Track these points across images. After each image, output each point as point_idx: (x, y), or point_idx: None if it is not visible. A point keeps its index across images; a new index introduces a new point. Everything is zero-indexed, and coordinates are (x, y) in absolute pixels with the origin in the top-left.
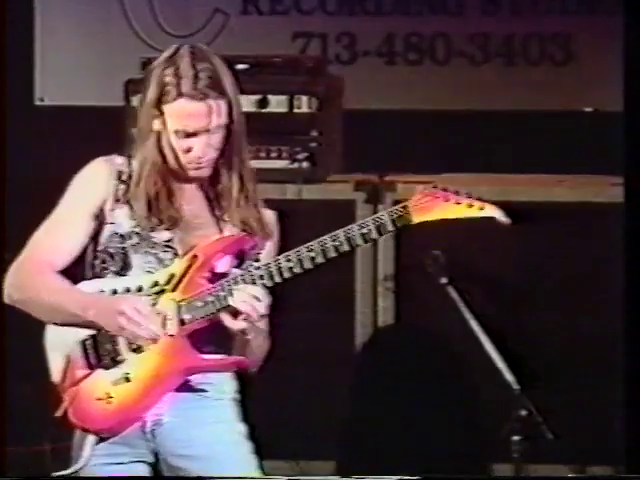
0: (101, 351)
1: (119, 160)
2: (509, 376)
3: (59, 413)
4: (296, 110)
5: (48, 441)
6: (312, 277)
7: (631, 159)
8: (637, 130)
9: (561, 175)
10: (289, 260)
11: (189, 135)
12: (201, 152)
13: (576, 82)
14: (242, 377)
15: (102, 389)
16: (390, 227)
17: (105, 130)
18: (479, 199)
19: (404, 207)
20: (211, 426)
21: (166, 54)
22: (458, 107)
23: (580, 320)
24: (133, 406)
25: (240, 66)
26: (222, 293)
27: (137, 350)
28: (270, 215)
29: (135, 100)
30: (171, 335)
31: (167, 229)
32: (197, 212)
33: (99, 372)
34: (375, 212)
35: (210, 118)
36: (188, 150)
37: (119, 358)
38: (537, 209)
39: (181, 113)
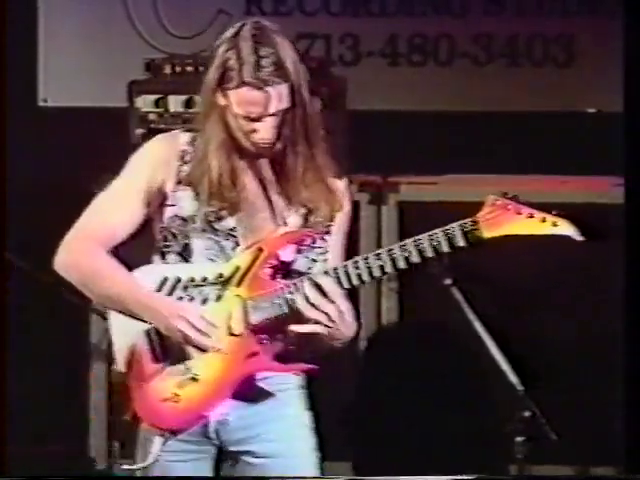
0: (167, 344)
1: (183, 138)
2: (513, 377)
3: (129, 416)
4: None
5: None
6: None
7: (631, 160)
8: (637, 131)
9: (563, 176)
10: (357, 268)
11: (253, 119)
12: (266, 134)
13: (578, 83)
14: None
15: (169, 388)
16: (461, 242)
17: (108, 131)
18: (553, 213)
19: (474, 222)
20: (275, 422)
21: (229, 33)
22: (461, 108)
23: (581, 321)
24: (200, 406)
25: None
26: (290, 296)
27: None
28: (340, 185)
29: (139, 101)
30: (237, 335)
31: (229, 214)
32: (260, 193)
33: (166, 370)
34: (379, 213)
35: (271, 104)
36: (253, 131)
37: (186, 354)
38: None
39: (243, 100)
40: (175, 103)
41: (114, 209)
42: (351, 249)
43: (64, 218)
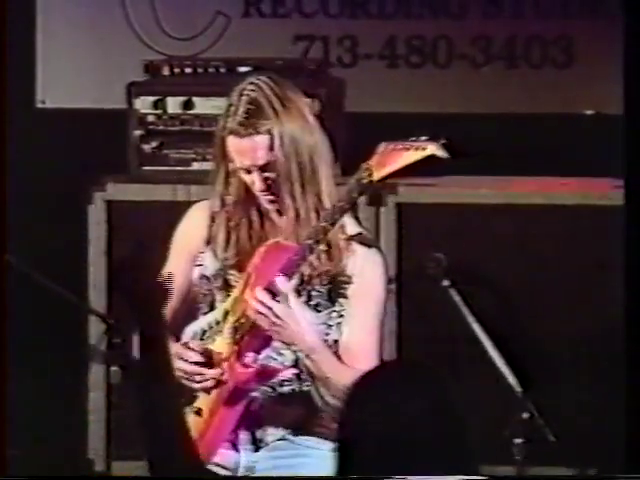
0: None
1: (216, 202)
2: (511, 379)
3: None
4: None
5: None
6: None
7: (631, 162)
8: (637, 133)
9: (562, 178)
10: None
11: (248, 171)
12: (261, 187)
13: (577, 85)
14: None
15: None
16: (355, 192)
17: (107, 133)
18: (422, 139)
19: (366, 169)
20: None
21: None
22: (460, 110)
23: (581, 323)
24: (206, 438)
25: (242, 69)
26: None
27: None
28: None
29: (138, 103)
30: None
31: (238, 270)
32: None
33: None
34: (377, 215)
35: (257, 154)
36: (252, 183)
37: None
38: (538, 212)
39: (232, 149)
40: (174, 105)
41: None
42: None
43: (64, 219)
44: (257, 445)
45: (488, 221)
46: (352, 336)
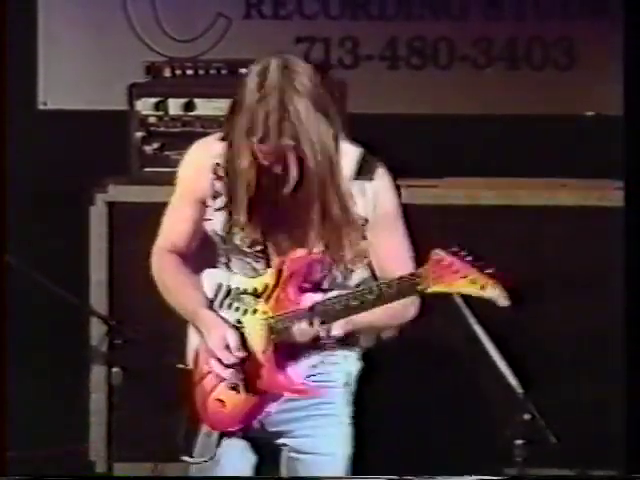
0: None
1: (216, 149)
2: (513, 380)
3: (186, 414)
4: None
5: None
6: None
7: (631, 163)
8: (638, 134)
9: (563, 179)
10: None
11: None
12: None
13: (578, 86)
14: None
15: (216, 393)
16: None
17: (108, 134)
18: (487, 274)
19: (418, 276)
20: (314, 419)
21: (257, 69)
22: (461, 111)
23: (582, 324)
24: (244, 411)
25: (243, 70)
26: (304, 324)
27: (244, 360)
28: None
29: (139, 104)
30: (263, 352)
31: (260, 243)
32: (288, 216)
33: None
34: None
35: (284, 163)
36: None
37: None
38: (539, 213)
39: (261, 153)
40: (175, 106)
41: (175, 222)
42: None
43: (65, 220)
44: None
45: (489, 222)
46: (382, 258)
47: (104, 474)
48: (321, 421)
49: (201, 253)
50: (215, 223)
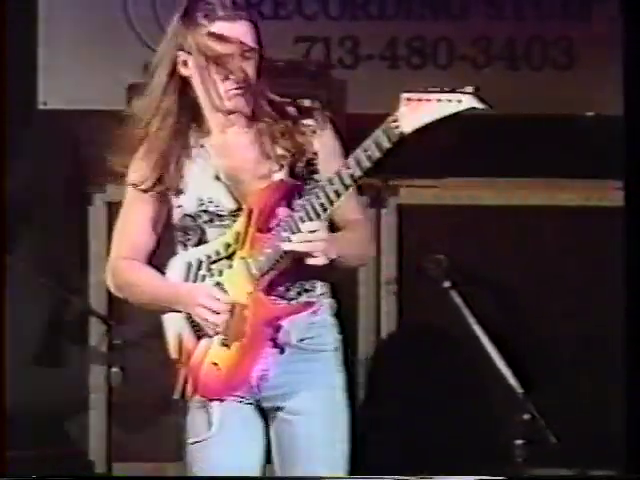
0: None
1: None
2: (512, 380)
3: (177, 395)
4: None
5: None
6: None
7: (631, 163)
8: (637, 134)
9: (563, 179)
10: (332, 183)
11: (225, 64)
12: (239, 74)
13: (578, 86)
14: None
15: (209, 359)
16: (385, 142)
17: (108, 134)
18: (457, 90)
19: (394, 120)
20: (308, 382)
21: None
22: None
23: (581, 323)
24: (239, 368)
25: None
26: (277, 243)
27: (230, 313)
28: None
29: None
30: (249, 293)
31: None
32: (248, 160)
33: (204, 343)
34: (378, 216)
35: (247, 38)
36: (225, 78)
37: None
38: (539, 213)
39: (217, 37)
40: None
41: (130, 224)
42: None
43: (64, 220)
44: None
45: (488, 222)
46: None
47: (104, 474)
48: (314, 382)
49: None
50: (184, 207)
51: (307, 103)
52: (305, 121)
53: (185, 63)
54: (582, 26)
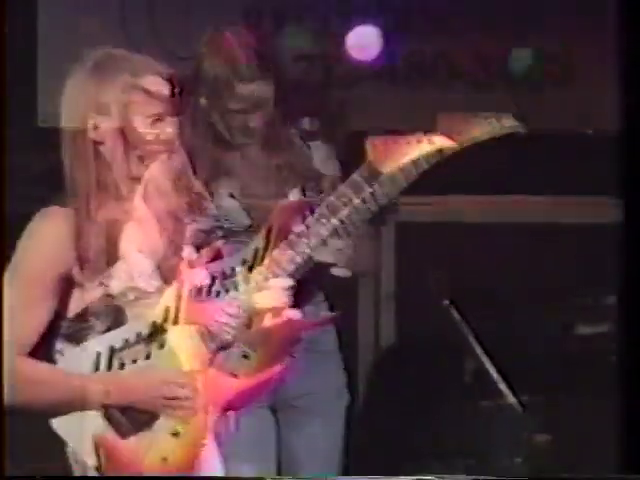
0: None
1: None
2: (511, 397)
3: None
4: None
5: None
6: None
7: (629, 179)
8: (636, 150)
9: (560, 196)
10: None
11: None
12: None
13: (576, 103)
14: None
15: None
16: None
17: None
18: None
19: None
20: (313, 381)
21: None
22: None
23: (579, 339)
24: (257, 380)
25: None
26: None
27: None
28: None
29: None
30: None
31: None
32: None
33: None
34: (378, 234)
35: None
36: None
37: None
38: (537, 230)
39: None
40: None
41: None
42: None
43: None
44: None
45: (487, 239)
46: None
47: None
48: (315, 383)
49: None
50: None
51: (308, 126)
52: (309, 143)
53: None
54: (580, 42)
